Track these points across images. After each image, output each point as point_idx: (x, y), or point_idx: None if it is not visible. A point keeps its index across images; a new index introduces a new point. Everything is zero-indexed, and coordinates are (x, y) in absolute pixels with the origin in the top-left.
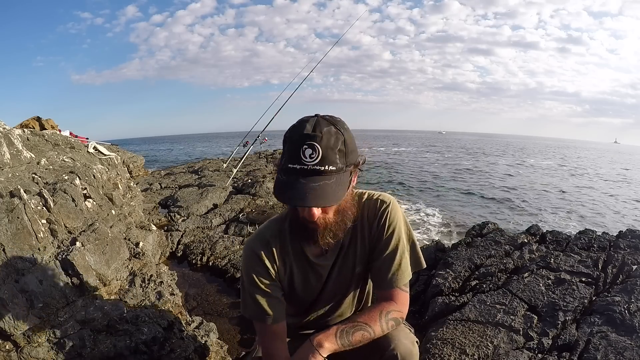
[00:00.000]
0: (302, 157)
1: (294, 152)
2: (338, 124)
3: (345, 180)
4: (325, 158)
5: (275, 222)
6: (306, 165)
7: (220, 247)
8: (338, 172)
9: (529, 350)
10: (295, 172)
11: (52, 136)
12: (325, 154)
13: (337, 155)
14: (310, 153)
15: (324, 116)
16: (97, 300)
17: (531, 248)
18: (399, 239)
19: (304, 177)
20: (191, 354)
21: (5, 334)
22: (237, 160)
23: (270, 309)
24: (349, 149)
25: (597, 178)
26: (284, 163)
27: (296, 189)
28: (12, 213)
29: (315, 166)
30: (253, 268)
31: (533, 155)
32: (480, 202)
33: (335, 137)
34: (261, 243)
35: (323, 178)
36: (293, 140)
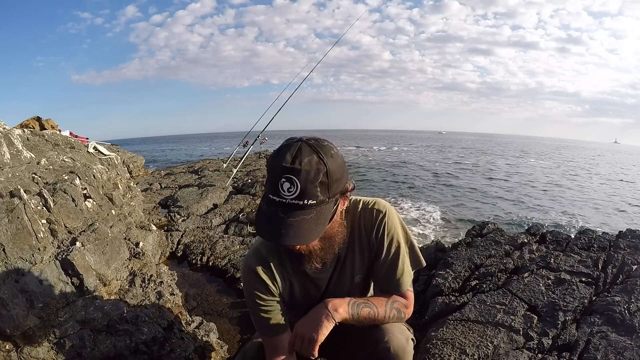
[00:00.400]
0: (281, 190)
1: (273, 184)
2: (323, 151)
3: (327, 212)
4: (304, 192)
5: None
6: (284, 199)
7: (220, 247)
8: (319, 205)
9: (529, 350)
10: (275, 204)
11: (52, 136)
12: (304, 188)
13: (317, 189)
14: (288, 187)
15: (309, 141)
16: (97, 300)
17: (531, 248)
18: (398, 245)
19: (283, 211)
20: (191, 354)
21: (5, 334)
22: (237, 160)
23: (274, 323)
24: (333, 179)
25: (597, 177)
26: (266, 192)
27: (273, 223)
28: (12, 213)
29: (294, 200)
30: (253, 286)
31: (533, 155)
32: (480, 201)
33: (315, 170)
34: (258, 260)
35: (302, 212)
36: (273, 170)
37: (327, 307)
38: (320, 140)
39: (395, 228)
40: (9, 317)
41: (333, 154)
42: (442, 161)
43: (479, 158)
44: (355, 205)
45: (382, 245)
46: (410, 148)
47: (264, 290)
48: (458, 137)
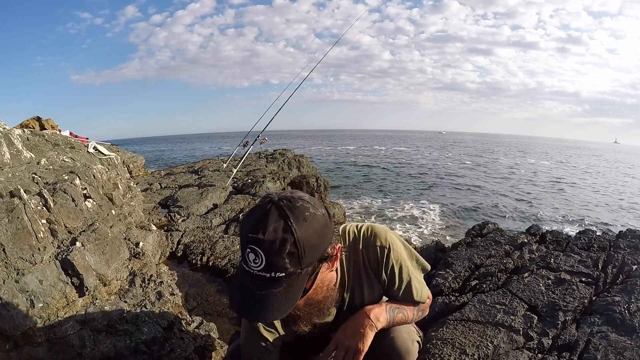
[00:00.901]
0: (247, 260)
1: (242, 252)
2: (294, 215)
3: (300, 284)
4: (270, 265)
5: None
6: (252, 269)
7: (220, 247)
8: (289, 277)
9: (529, 350)
10: (245, 273)
11: (52, 136)
12: (269, 261)
13: (285, 260)
14: (253, 258)
15: (281, 202)
16: (97, 300)
17: (531, 248)
18: (408, 269)
19: (252, 282)
20: (191, 354)
21: (5, 334)
22: (237, 160)
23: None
24: (305, 248)
25: (597, 176)
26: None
27: (242, 294)
28: (12, 213)
29: (261, 272)
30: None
31: (533, 154)
32: (480, 201)
33: (281, 240)
34: None
35: (270, 285)
36: (240, 237)
37: (369, 317)
38: (295, 200)
39: (401, 255)
40: (9, 317)
41: (307, 217)
42: (442, 161)
43: (479, 158)
44: (355, 242)
45: (394, 278)
46: (411, 148)
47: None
48: (458, 137)
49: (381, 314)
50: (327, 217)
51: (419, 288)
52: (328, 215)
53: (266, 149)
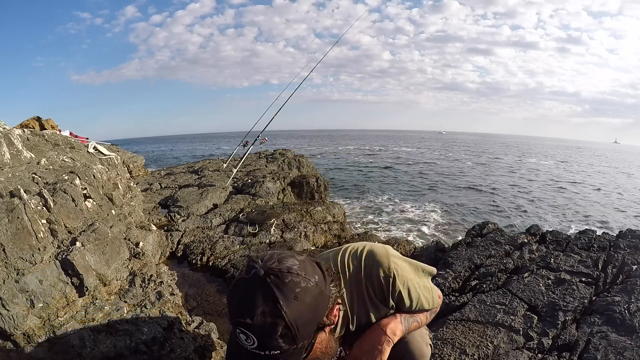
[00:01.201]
0: (238, 338)
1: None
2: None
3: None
4: (264, 345)
5: None
6: (245, 346)
7: (220, 247)
8: (284, 353)
9: (529, 350)
10: (239, 346)
11: (52, 136)
12: (261, 343)
13: (279, 340)
14: (244, 338)
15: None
16: (97, 300)
17: (531, 248)
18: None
19: (247, 356)
20: (191, 354)
21: (5, 334)
22: (237, 160)
23: None
24: (300, 326)
25: (598, 176)
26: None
27: None
28: (12, 213)
29: (255, 350)
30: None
31: (534, 154)
32: (480, 201)
33: (270, 325)
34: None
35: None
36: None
37: (386, 333)
38: (283, 275)
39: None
40: (9, 317)
41: (299, 294)
42: (443, 161)
43: (479, 158)
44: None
45: (403, 301)
46: (411, 148)
47: None
48: (458, 137)
49: (397, 327)
50: (321, 282)
51: (429, 297)
52: (322, 274)
53: (266, 149)
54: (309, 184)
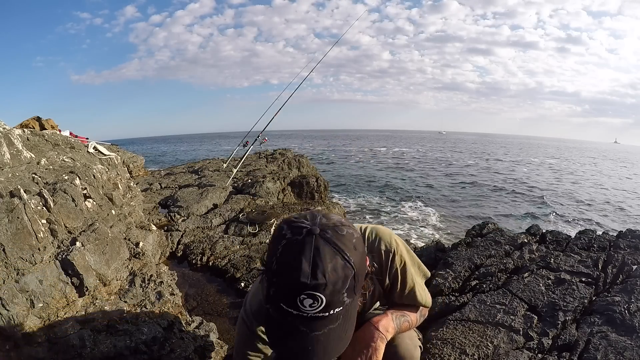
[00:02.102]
0: (300, 305)
1: (288, 297)
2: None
3: (354, 309)
4: (330, 304)
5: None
6: (305, 313)
7: (220, 247)
8: (345, 308)
9: (529, 350)
10: (292, 317)
11: (52, 136)
12: (330, 301)
13: (344, 295)
14: (310, 303)
15: (326, 234)
16: (97, 300)
17: (531, 248)
18: (411, 276)
19: (304, 325)
20: (191, 354)
21: (5, 334)
22: (237, 160)
23: None
24: (361, 277)
25: (598, 176)
26: (274, 297)
27: (297, 340)
28: (12, 213)
29: (318, 314)
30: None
31: (534, 154)
32: (480, 201)
33: (343, 277)
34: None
35: (328, 323)
36: (285, 281)
37: (378, 329)
38: (338, 226)
39: (404, 258)
40: (9, 317)
41: (355, 242)
42: (443, 161)
43: (480, 158)
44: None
45: (397, 282)
46: (411, 148)
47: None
48: (458, 137)
49: (389, 324)
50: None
51: (422, 294)
52: None
53: (266, 149)
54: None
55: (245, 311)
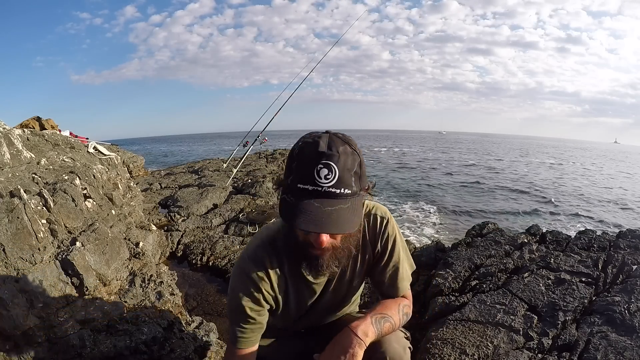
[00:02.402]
0: (317, 177)
1: (306, 172)
2: (352, 143)
3: (359, 206)
4: (342, 180)
5: (268, 241)
6: (321, 186)
7: (220, 247)
8: (353, 196)
9: (529, 350)
10: (308, 194)
11: (52, 136)
12: (341, 176)
13: (352, 178)
14: (325, 174)
15: (337, 134)
16: (97, 300)
17: (531, 248)
18: (399, 252)
19: (318, 200)
20: (191, 354)
21: (5, 334)
22: (237, 160)
23: (250, 338)
24: (363, 171)
25: (598, 176)
26: (292, 182)
27: (310, 212)
28: (12, 213)
29: (331, 188)
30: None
31: (534, 154)
32: (481, 201)
33: (352, 158)
34: (255, 264)
35: (338, 202)
36: (305, 157)
37: (357, 335)
38: (345, 134)
39: (396, 234)
40: (9, 317)
41: (358, 149)
42: (443, 161)
43: (480, 158)
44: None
45: (386, 252)
46: (411, 148)
47: (252, 298)
48: (459, 137)
49: (368, 329)
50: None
51: (405, 275)
52: None
53: (266, 149)
54: None
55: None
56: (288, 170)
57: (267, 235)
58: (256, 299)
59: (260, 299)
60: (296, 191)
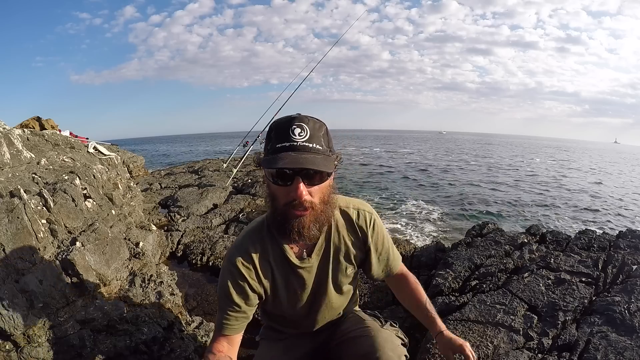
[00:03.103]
0: (291, 134)
1: (282, 133)
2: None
3: (330, 164)
4: (313, 137)
5: (253, 230)
6: (295, 141)
7: (220, 247)
8: (324, 152)
9: (529, 350)
10: (285, 149)
11: (52, 136)
12: (312, 134)
13: (322, 139)
14: (299, 132)
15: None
16: (97, 300)
17: (531, 248)
18: (389, 240)
19: (295, 151)
20: (191, 354)
21: (5, 334)
22: (237, 160)
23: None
24: (330, 138)
25: (599, 176)
26: (271, 146)
27: (288, 157)
28: (12, 213)
29: (305, 142)
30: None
31: (534, 154)
32: (481, 201)
33: (319, 125)
34: (240, 253)
35: (312, 153)
36: (281, 124)
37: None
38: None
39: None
40: (9, 317)
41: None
42: (443, 161)
43: (480, 158)
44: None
45: (378, 241)
46: (411, 148)
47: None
48: (459, 137)
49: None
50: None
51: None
52: None
53: None
54: None
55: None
56: (267, 140)
57: (253, 227)
58: (241, 287)
59: (245, 287)
60: (275, 149)
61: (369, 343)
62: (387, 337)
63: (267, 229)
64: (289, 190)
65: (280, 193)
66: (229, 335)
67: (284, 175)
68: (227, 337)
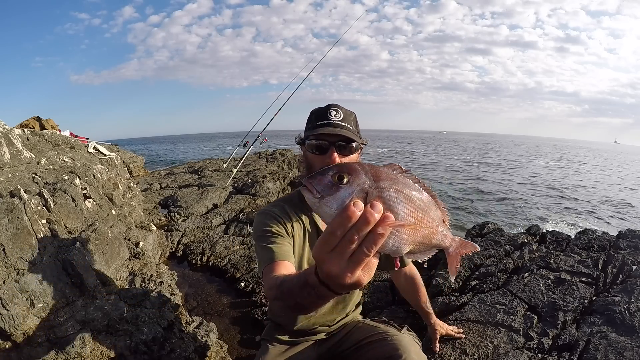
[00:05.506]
0: (329, 115)
1: (321, 115)
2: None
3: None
4: (346, 119)
5: (287, 198)
6: (332, 120)
7: (220, 247)
8: (355, 133)
9: (529, 350)
10: (323, 125)
11: (52, 136)
12: (345, 117)
13: (352, 123)
14: (334, 114)
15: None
16: (97, 300)
17: (531, 248)
18: None
19: (331, 126)
20: (191, 354)
21: (5, 334)
22: (237, 160)
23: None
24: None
25: (599, 176)
26: (312, 124)
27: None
28: (12, 213)
29: (340, 121)
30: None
31: (534, 154)
32: (481, 201)
33: (350, 112)
34: (276, 207)
35: (345, 129)
36: (320, 109)
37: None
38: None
39: None
40: (9, 317)
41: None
42: (443, 161)
43: (481, 158)
44: None
45: None
46: (413, 148)
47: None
48: (459, 137)
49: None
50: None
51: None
52: None
53: (266, 149)
54: None
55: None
56: (308, 122)
57: (287, 196)
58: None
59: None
60: (315, 127)
61: (392, 346)
62: (409, 340)
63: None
64: (325, 158)
65: (317, 161)
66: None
67: (321, 147)
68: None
